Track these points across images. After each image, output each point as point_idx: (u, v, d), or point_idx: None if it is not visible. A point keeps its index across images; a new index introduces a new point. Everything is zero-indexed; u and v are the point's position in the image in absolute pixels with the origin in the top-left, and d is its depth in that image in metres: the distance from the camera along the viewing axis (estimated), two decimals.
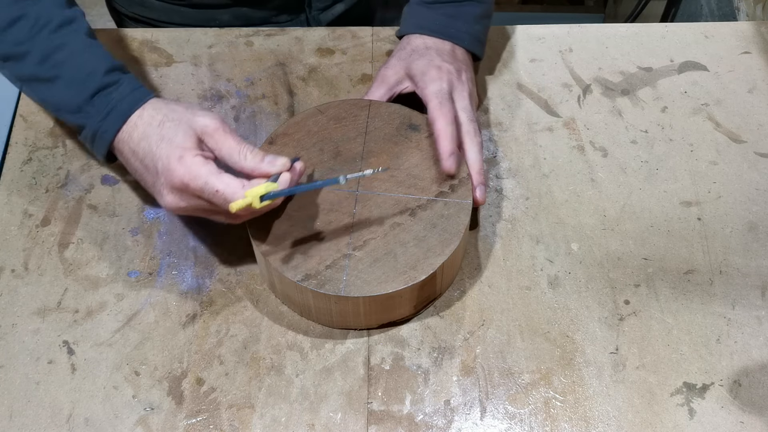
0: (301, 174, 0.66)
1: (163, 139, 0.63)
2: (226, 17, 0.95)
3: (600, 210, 0.77)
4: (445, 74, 0.75)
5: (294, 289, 0.66)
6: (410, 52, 0.79)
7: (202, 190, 0.61)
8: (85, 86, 0.66)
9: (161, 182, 0.63)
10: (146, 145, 0.64)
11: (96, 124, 0.66)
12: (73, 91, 0.67)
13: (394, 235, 0.67)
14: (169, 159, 0.62)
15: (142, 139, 0.65)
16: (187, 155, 0.62)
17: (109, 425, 0.64)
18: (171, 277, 0.72)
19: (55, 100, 0.69)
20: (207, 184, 0.61)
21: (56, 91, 0.67)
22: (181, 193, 0.63)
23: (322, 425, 0.64)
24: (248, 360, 0.68)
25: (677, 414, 0.65)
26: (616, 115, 0.85)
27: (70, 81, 0.67)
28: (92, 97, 0.66)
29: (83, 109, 0.66)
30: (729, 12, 1.19)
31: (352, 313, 0.66)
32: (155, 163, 0.63)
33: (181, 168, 0.62)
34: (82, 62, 0.67)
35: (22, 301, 0.71)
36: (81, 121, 0.67)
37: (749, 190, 0.79)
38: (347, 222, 0.68)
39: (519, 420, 0.65)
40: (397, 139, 0.73)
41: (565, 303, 0.71)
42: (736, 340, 0.69)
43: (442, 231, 0.68)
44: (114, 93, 0.66)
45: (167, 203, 0.64)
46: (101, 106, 0.66)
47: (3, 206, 0.76)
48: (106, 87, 0.67)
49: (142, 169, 0.65)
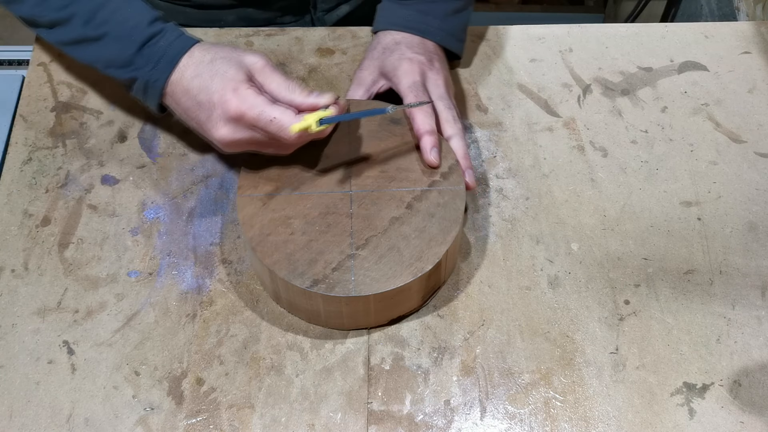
0: (344, 109, 0.69)
1: (216, 73, 0.66)
2: (231, 18, 0.95)
3: (600, 210, 0.77)
4: (416, 65, 0.76)
5: (302, 297, 0.66)
6: (381, 50, 0.80)
7: (257, 119, 0.64)
8: (132, 39, 0.69)
9: (217, 115, 0.66)
10: (200, 82, 0.67)
11: (147, 74, 0.69)
12: (121, 46, 0.70)
13: (394, 229, 0.68)
14: (224, 90, 0.65)
15: (194, 77, 0.67)
16: (242, 87, 0.65)
17: (109, 425, 0.64)
18: (171, 277, 0.72)
19: (105, 58, 0.71)
20: (263, 112, 0.64)
21: (105, 48, 0.70)
22: (236, 123, 0.65)
23: (322, 425, 0.64)
24: (248, 360, 0.68)
25: (677, 414, 0.65)
26: (616, 115, 0.85)
27: (117, 37, 0.70)
28: (140, 49, 0.69)
29: (133, 61, 0.70)
30: (729, 12, 1.19)
31: (363, 312, 0.67)
32: (210, 97, 0.66)
33: (237, 98, 0.65)
34: (125, 17, 0.70)
35: (22, 301, 0.71)
36: (132, 74, 0.70)
37: (749, 190, 0.79)
38: (346, 223, 0.68)
39: (519, 420, 0.65)
40: (381, 134, 0.74)
41: (565, 303, 0.71)
42: (736, 340, 0.69)
43: (441, 219, 0.68)
44: (161, 41, 0.69)
45: (222, 136, 0.66)
46: (150, 56, 0.69)
47: (3, 206, 0.76)
48: (152, 37, 0.69)
49: (195, 106, 0.68)
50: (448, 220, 0.68)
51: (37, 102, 0.84)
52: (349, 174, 0.71)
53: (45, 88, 0.85)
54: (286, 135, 0.64)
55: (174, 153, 0.80)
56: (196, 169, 0.79)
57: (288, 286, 0.66)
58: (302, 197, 0.70)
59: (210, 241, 0.74)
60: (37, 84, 0.86)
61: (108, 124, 0.82)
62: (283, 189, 0.70)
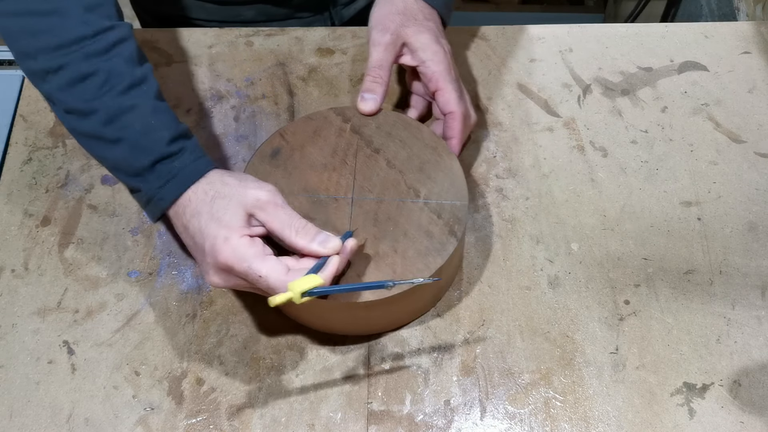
0: (353, 252, 0.64)
1: (212, 217, 0.62)
2: (250, 13, 0.95)
3: (600, 210, 0.77)
4: (447, 54, 0.75)
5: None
6: (396, 12, 0.76)
7: (246, 274, 0.60)
8: (148, 153, 0.64)
9: (208, 262, 0.62)
10: (197, 223, 0.63)
11: (153, 191, 0.64)
12: (135, 156, 0.64)
13: (391, 239, 0.67)
14: (215, 239, 0.61)
15: (193, 216, 0.63)
16: (233, 236, 0.61)
17: (109, 425, 0.64)
18: (171, 277, 0.72)
19: (114, 162, 0.66)
20: (251, 268, 0.60)
21: (118, 153, 0.65)
22: (227, 273, 0.62)
23: (322, 425, 0.64)
24: (248, 360, 0.68)
25: (677, 414, 0.65)
26: (616, 115, 0.85)
27: (133, 145, 0.64)
28: (153, 165, 0.64)
29: (143, 174, 0.64)
30: (729, 12, 1.19)
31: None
32: (203, 242, 0.62)
33: (227, 250, 0.60)
34: (148, 128, 0.64)
35: (22, 301, 0.71)
36: (138, 185, 0.65)
37: (749, 190, 0.79)
38: (345, 227, 0.68)
39: (519, 420, 0.65)
40: (391, 144, 0.73)
41: (565, 303, 0.71)
42: (736, 340, 0.69)
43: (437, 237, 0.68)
44: (176, 161, 0.64)
45: (213, 282, 0.63)
46: (161, 174, 0.64)
47: (3, 206, 0.76)
48: (169, 156, 0.64)
49: (192, 245, 0.64)
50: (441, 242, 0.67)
51: (37, 102, 0.84)
52: (353, 180, 0.71)
53: None
54: (273, 293, 0.60)
55: None
56: None
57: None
58: (303, 199, 0.70)
59: None
60: None
61: None
62: (284, 190, 0.70)
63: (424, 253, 0.66)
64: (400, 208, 0.69)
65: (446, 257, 0.65)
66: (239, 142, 0.81)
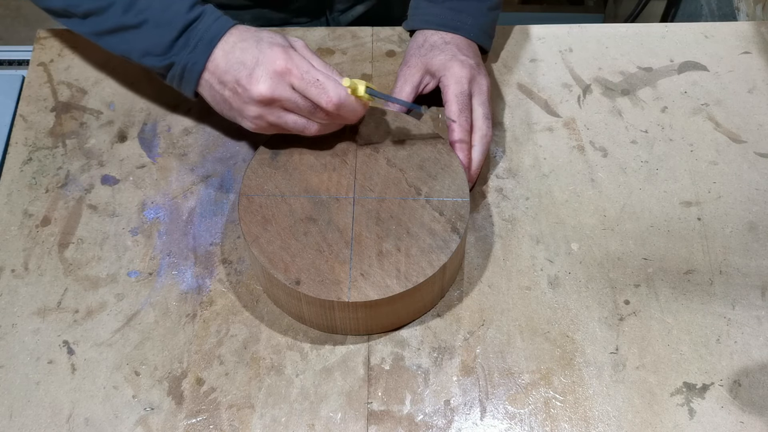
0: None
1: (262, 39, 0.67)
2: (247, 18, 0.95)
3: (600, 210, 0.77)
4: (467, 69, 0.77)
5: (286, 295, 0.66)
6: (429, 47, 0.80)
7: (303, 77, 0.65)
8: (173, 26, 0.69)
9: (260, 70, 0.66)
10: (245, 45, 0.67)
11: (186, 58, 0.69)
12: (161, 33, 0.69)
13: (393, 237, 0.67)
14: (273, 49, 0.66)
15: (239, 42, 0.68)
16: (290, 50, 0.66)
17: (109, 425, 0.64)
18: (171, 277, 0.72)
19: (142, 46, 0.70)
20: (310, 71, 0.65)
21: (144, 35, 0.69)
22: (280, 79, 0.65)
23: (322, 425, 0.64)
24: (248, 360, 0.68)
25: (677, 414, 0.65)
26: (616, 115, 0.85)
27: (157, 23, 0.69)
28: (179, 35, 0.69)
29: (172, 47, 0.69)
30: (729, 12, 1.19)
31: (352, 318, 0.66)
32: (256, 55, 0.66)
33: (286, 56, 0.65)
34: (165, 3, 0.69)
35: (22, 301, 0.71)
36: (169, 60, 0.69)
37: (749, 190, 0.79)
38: (347, 228, 0.68)
39: (519, 420, 0.65)
40: (394, 142, 0.74)
41: (565, 303, 0.71)
42: (736, 340, 0.69)
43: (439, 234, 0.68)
44: (199, 25, 0.69)
45: (261, 91, 0.66)
46: (189, 40, 0.69)
47: (3, 206, 0.76)
48: (192, 23, 0.69)
49: (237, 65, 0.67)
50: (444, 239, 0.67)
51: (37, 102, 0.84)
52: (354, 180, 0.71)
53: (45, 88, 0.85)
54: (325, 101, 0.65)
55: (174, 153, 0.80)
56: (196, 169, 0.79)
57: (273, 281, 0.66)
58: (304, 200, 0.70)
59: (210, 241, 0.74)
60: (37, 84, 0.86)
61: (108, 124, 0.82)
62: (285, 192, 0.70)
63: (428, 250, 0.66)
64: (402, 207, 0.69)
65: (450, 254, 0.66)
66: (239, 142, 0.81)
